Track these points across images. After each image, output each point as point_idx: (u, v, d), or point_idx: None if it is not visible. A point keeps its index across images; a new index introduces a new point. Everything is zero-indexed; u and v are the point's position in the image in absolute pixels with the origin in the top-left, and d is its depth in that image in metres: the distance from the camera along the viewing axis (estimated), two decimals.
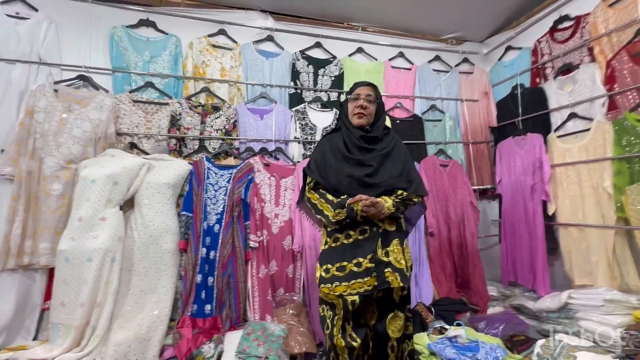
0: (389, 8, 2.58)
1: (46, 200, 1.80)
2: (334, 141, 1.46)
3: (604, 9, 2.06)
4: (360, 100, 1.42)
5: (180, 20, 2.30)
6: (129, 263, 1.79)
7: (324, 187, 1.42)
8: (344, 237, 1.35)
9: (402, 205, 1.36)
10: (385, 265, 1.28)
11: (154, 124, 2.09)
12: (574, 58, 2.26)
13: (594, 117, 2.07)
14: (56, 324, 1.59)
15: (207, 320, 1.85)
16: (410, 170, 1.43)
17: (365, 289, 1.27)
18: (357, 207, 1.28)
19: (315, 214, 1.41)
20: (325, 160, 1.42)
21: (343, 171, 1.37)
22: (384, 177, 1.36)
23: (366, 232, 1.34)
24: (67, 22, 2.05)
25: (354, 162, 1.39)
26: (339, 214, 1.30)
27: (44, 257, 1.77)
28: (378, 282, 1.27)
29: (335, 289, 1.29)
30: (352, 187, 1.34)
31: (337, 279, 1.30)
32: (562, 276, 2.24)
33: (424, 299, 2.16)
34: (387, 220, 1.35)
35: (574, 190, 2.14)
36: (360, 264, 1.30)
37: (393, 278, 1.27)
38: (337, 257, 1.34)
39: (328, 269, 1.33)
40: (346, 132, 1.45)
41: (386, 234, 1.34)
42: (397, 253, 1.31)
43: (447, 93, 2.81)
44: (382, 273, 1.27)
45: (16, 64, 1.89)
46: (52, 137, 1.82)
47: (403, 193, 1.36)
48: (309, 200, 1.44)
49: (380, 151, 1.41)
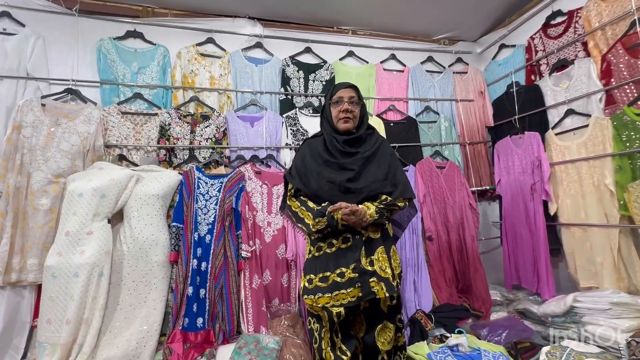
0: (379, 11, 2.56)
1: (34, 215, 1.78)
2: (314, 145, 1.40)
3: (596, 2, 2.02)
4: (344, 103, 1.35)
5: (168, 30, 2.30)
6: (117, 277, 1.75)
7: (305, 194, 1.35)
8: (327, 246, 1.29)
9: (387, 211, 1.29)
10: (370, 274, 1.22)
11: (143, 135, 2.08)
12: (569, 53, 2.21)
13: (591, 112, 2.01)
14: (42, 342, 1.55)
15: (199, 333, 1.80)
16: (396, 172, 1.36)
17: (349, 300, 1.21)
18: (337, 216, 1.21)
19: (296, 222, 1.34)
20: (306, 165, 1.36)
21: (323, 176, 1.31)
22: (367, 181, 1.30)
23: (349, 240, 1.27)
24: (54, 36, 2.06)
25: (335, 167, 1.33)
26: (319, 222, 1.24)
27: (32, 274, 1.74)
28: (362, 293, 1.21)
29: (317, 301, 1.23)
30: (334, 194, 1.28)
31: (319, 290, 1.24)
32: (567, 278, 2.16)
33: (424, 306, 2.08)
34: (371, 228, 1.29)
35: (574, 188, 2.08)
36: (343, 274, 1.23)
37: (378, 288, 1.21)
38: (320, 267, 1.28)
39: (311, 280, 1.28)
40: (328, 136, 1.38)
41: (370, 242, 1.28)
42: (382, 261, 1.25)
43: (441, 94, 2.76)
44: (366, 283, 1.21)
45: (3, 80, 1.89)
46: (40, 152, 1.81)
47: (387, 198, 1.29)
48: (289, 209, 1.37)
49: (363, 154, 1.34)
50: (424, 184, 2.38)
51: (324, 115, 1.44)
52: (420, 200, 2.34)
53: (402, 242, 2.22)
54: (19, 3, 2.01)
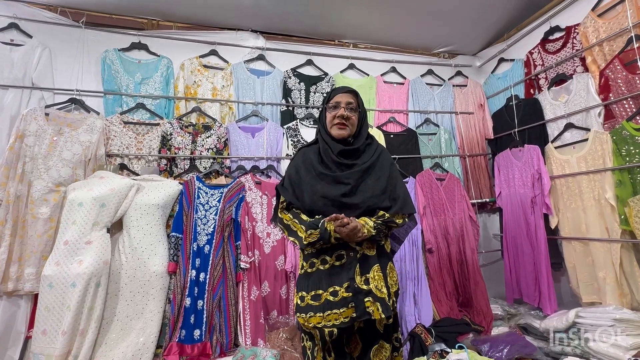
0: (380, 25, 2.61)
1: (34, 224, 1.78)
2: (308, 155, 1.30)
3: (593, 19, 2.05)
4: (340, 109, 1.25)
5: (172, 42, 2.34)
6: (115, 287, 1.74)
7: (298, 207, 1.26)
8: (320, 263, 1.20)
9: (385, 227, 1.21)
10: (365, 294, 1.14)
11: (145, 144, 2.09)
12: (567, 68, 2.24)
13: (590, 127, 2.02)
14: (37, 354, 1.53)
15: (196, 346, 1.78)
16: (396, 185, 1.27)
17: (342, 321, 1.13)
18: (330, 227, 1.13)
19: (288, 235, 1.25)
20: (299, 176, 1.26)
21: (317, 191, 1.21)
22: (364, 196, 1.21)
23: (343, 257, 1.19)
24: (60, 47, 2.09)
25: (330, 180, 1.23)
26: (311, 234, 1.15)
27: (29, 283, 1.73)
28: (356, 314, 1.13)
29: (309, 320, 1.16)
30: (328, 209, 1.18)
31: (311, 308, 1.16)
32: (569, 293, 2.14)
33: (424, 320, 2.06)
34: (366, 244, 1.20)
35: (575, 202, 2.07)
36: (336, 293, 1.15)
37: (374, 309, 1.13)
38: (312, 284, 1.19)
39: (303, 297, 1.20)
40: (323, 145, 1.28)
41: (365, 259, 1.19)
42: (377, 280, 1.17)
43: (441, 106, 2.79)
44: (361, 303, 1.14)
45: (8, 89, 1.92)
46: (41, 161, 1.82)
47: (385, 215, 1.21)
48: (281, 221, 1.28)
49: (360, 165, 1.25)
50: (424, 196, 2.38)
51: (320, 121, 1.35)
52: (420, 212, 2.33)
53: (401, 255, 2.21)
54: (27, 15, 2.05)
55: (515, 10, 2.53)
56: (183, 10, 2.30)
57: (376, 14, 2.45)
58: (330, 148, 1.26)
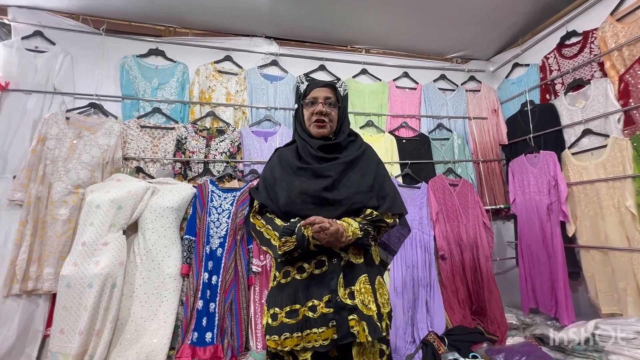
0: (393, 30, 2.61)
1: (53, 225, 1.82)
2: (285, 154, 1.15)
3: (612, 23, 2.01)
4: (318, 104, 1.11)
5: (188, 48, 2.39)
6: (130, 288, 1.77)
7: (272, 211, 1.09)
8: (297, 272, 1.02)
9: (373, 228, 1.04)
10: (349, 310, 0.94)
11: (161, 148, 2.13)
12: (584, 73, 2.20)
13: (609, 133, 1.97)
14: (54, 352, 1.57)
15: (207, 349, 1.78)
16: (384, 183, 1.11)
17: (321, 343, 0.93)
18: (308, 233, 0.96)
19: (260, 244, 1.06)
20: (275, 176, 1.11)
21: (294, 187, 1.04)
22: (348, 191, 1.04)
23: (324, 264, 1.00)
24: (81, 53, 2.16)
25: (309, 174, 1.07)
26: (286, 242, 0.97)
27: (47, 283, 1.77)
28: (338, 335, 0.93)
29: (284, 343, 0.95)
30: (307, 207, 1.02)
31: (287, 328, 0.96)
32: (587, 303, 2.08)
33: (436, 328, 2.03)
34: (353, 250, 1.03)
35: (594, 209, 2.02)
36: (314, 309, 0.96)
37: (359, 329, 0.93)
38: (287, 298, 1.00)
39: (275, 315, 0.99)
40: (301, 142, 1.14)
41: (351, 268, 1.01)
42: (365, 294, 0.98)
43: (454, 111, 2.77)
44: (344, 321, 0.93)
45: (32, 94, 1.98)
46: (61, 163, 1.87)
47: (373, 213, 1.03)
48: (253, 228, 1.10)
49: (343, 159, 1.09)
50: (436, 202, 2.35)
51: (297, 118, 1.21)
52: (433, 218, 2.31)
53: (414, 261, 2.19)
54: (51, 23, 2.13)
55: (530, 15, 2.51)
56: (199, 17, 2.35)
57: (389, 19, 2.46)
58: (308, 144, 1.12)
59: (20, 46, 2.02)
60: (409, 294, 2.11)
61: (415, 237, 2.24)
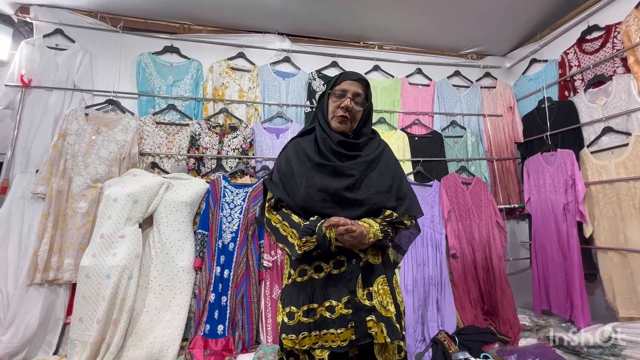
0: (406, 26, 2.58)
1: (73, 217, 1.89)
2: (302, 145, 1.10)
3: (637, 16, 1.94)
4: (345, 99, 1.06)
5: (202, 45, 2.42)
6: (145, 280, 1.82)
7: (289, 206, 1.06)
8: (314, 271, 1.01)
9: (392, 230, 1.03)
10: (367, 311, 0.95)
11: (175, 144, 2.17)
12: (606, 69, 2.12)
13: (631, 131, 1.91)
14: (74, 339, 1.63)
15: (219, 341, 1.82)
16: (401, 184, 1.09)
17: (339, 344, 0.94)
18: (331, 234, 0.94)
19: (276, 241, 1.04)
20: (292, 169, 1.06)
21: (314, 184, 1.00)
22: (369, 191, 1.02)
23: (342, 265, 0.99)
24: (99, 51, 2.22)
25: (329, 171, 1.03)
26: (306, 242, 0.95)
27: (67, 273, 1.84)
28: (357, 336, 0.93)
29: (302, 342, 0.95)
30: (327, 205, 0.99)
31: (304, 327, 0.96)
32: (603, 306, 2.03)
33: (447, 327, 2.01)
34: (371, 250, 1.02)
35: (612, 210, 1.96)
36: (333, 309, 0.96)
37: (377, 330, 0.93)
38: (304, 297, 0.99)
39: (292, 314, 0.99)
40: (321, 133, 1.09)
41: (369, 269, 1.00)
42: (383, 295, 0.98)
43: (468, 109, 2.72)
44: (362, 322, 0.94)
45: (53, 91, 2.05)
46: (81, 158, 1.93)
47: (392, 214, 1.02)
48: (268, 223, 1.07)
49: (364, 157, 1.07)
50: (449, 200, 2.33)
51: (319, 106, 1.15)
52: (445, 216, 2.28)
53: (424, 259, 2.17)
54: (70, 21, 2.19)
55: (549, 9, 2.43)
56: (213, 14, 2.38)
57: (402, 15, 2.43)
58: (329, 137, 1.07)
59: (41, 44, 2.08)
60: (420, 293, 2.10)
61: (426, 236, 2.22)
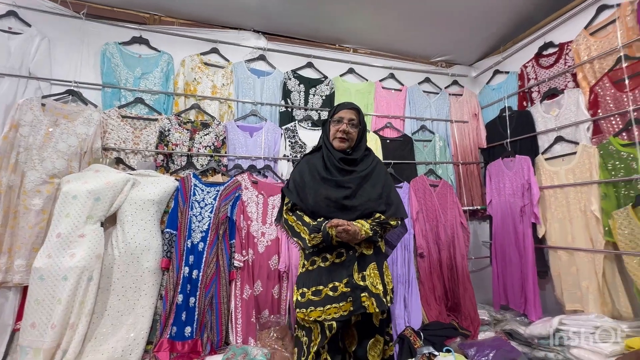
0: (380, 31, 2.65)
1: (25, 215, 1.75)
2: (313, 162, 1.45)
3: (586, 36, 2.13)
4: (343, 124, 1.41)
5: (174, 38, 2.34)
6: (107, 282, 1.73)
7: (301, 209, 1.40)
8: (321, 260, 1.34)
9: (380, 228, 1.35)
10: (362, 289, 1.27)
11: (142, 139, 2.08)
12: (559, 83, 2.31)
13: (579, 140, 2.09)
14: (24, 346, 1.51)
15: (186, 343, 1.78)
16: (390, 192, 1.42)
17: (341, 314, 1.25)
18: (332, 232, 1.26)
19: (292, 236, 1.38)
20: (304, 181, 1.40)
21: (321, 193, 1.35)
22: (362, 199, 1.35)
23: (342, 255, 1.32)
24: (59, 37, 2.07)
25: (332, 184, 1.37)
26: (314, 238, 1.29)
27: (18, 275, 1.70)
28: (354, 307, 1.25)
29: (310, 314, 1.27)
30: (330, 210, 1.33)
31: (312, 303, 1.28)
32: (553, 301, 2.20)
33: (413, 323, 2.09)
34: (364, 244, 1.34)
35: (562, 213, 2.14)
36: (336, 288, 1.28)
37: (369, 303, 1.25)
38: (313, 280, 1.32)
39: (304, 293, 1.32)
40: (326, 153, 1.44)
41: (363, 258, 1.33)
42: (373, 277, 1.30)
43: (437, 114, 2.84)
44: (358, 298, 1.26)
45: (4, 78, 1.89)
46: (36, 151, 1.80)
47: (381, 216, 1.35)
48: (286, 222, 1.42)
49: (359, 173, 1.40)
50: (417, 201, 2.42)
51: (324, 131, 1.51)
52: (413, 217, 2.37)
53: (393, 258, 2.24)
54: (26, 3, 2.02)
55: (512, 24, 2.61)
56: (186, 6, 2.30)
57: (377, 20, 2.50)
58: (332, 155, 1.42)
59: None
60: None
61: None
